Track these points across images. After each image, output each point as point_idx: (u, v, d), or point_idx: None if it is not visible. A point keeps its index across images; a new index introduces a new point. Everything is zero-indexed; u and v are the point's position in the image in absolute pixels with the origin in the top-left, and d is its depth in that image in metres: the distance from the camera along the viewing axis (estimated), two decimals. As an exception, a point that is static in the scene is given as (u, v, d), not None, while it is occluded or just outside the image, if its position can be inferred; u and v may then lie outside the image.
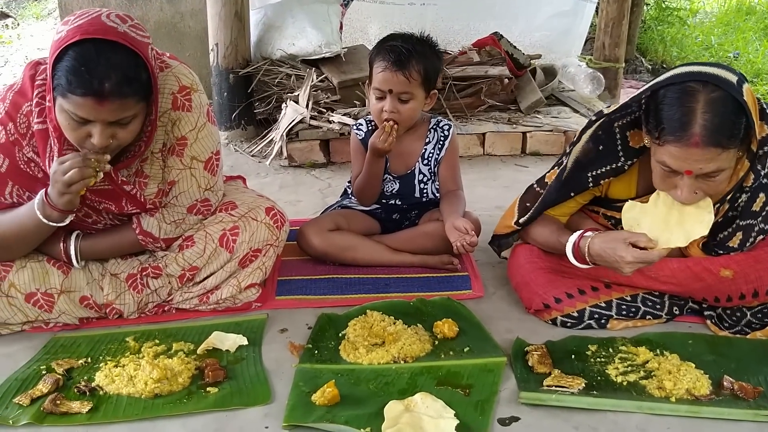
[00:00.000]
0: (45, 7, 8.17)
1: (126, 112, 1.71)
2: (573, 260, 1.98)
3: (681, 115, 1.68)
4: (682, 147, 1.68)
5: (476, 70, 4.14)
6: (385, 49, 2.28)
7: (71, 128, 1.71)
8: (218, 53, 3.89)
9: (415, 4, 4.93)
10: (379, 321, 2.02)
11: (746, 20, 7.74)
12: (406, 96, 2.29)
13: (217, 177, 2.09)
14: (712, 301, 2.00)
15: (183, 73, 1.98)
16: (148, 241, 2.03)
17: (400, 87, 2.26)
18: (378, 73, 2.29)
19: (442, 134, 2.47)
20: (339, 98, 3.80)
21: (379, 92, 2.31)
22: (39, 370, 1.82)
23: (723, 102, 1.67)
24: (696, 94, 1.68)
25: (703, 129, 1.65)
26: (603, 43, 4.65)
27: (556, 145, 3.86)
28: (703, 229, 1.81)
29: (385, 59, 2.27)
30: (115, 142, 1.75)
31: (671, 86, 1.73)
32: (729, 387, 1.72)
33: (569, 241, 1.98)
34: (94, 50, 1.63)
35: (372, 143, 2.33)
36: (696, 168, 1.71)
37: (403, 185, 2.49)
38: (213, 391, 1.74)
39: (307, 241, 2.42)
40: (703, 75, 1.69)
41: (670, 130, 1.70)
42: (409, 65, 2.24)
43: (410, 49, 2.25)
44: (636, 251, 1.82)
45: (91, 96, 1.63)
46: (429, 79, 2.30)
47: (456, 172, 2.51)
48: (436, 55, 2.35)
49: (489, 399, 1.70)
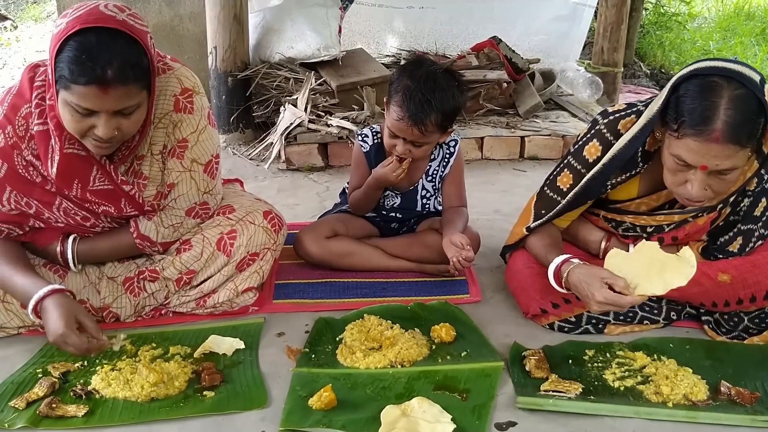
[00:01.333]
0: (44, 9, 8.17)
1: (129, 101, 1.70)
2: (552, 281, 1.95)
3: (703, 109, 1.65)
4: (701, 141, 1.66)
5: (475, 75, 4.14)
6: (405, 95, 2.13)
7: (75, 121, 1.70)
8: (217, 56, 3.89)
9: (414, 8, 4.93)
10: (377, 325, 2.02)
11: (745, 25, 7.75)
12: (420, 143, 2.21)
13: (216, 180, 2.08)
14: (710, 306, 2.00)
15: (185, 75, 1.98)
16: (145, 245, 2.03)
17: (414, 138, 2.18)
18: (394, 119, 2.17)
19: (447, 151, 2.41)
20: (337, 102, 3.80)
21: (393, 134, 2.22)
22: (35, 374, 1.82)
23: (746, 100, 1.64)
24: (720, 89, 1.65)
25: (725, 125, 1.63)
26: (602, 47, 4.66)
27: (554, 149, 3.87)
28: (682, 281, 1.77)
29: (402, 107, 2.14)
30: (119, 133, 1.74)
31: (694, 79, 1.70)
32: (726, 392, 1.72)
33: (553, 263, 1.95)
34: (95, 39, 1.63)
35: (381, 174, 2.26)
36: (712, 164, 1.68)
37: (405, 200, 2.45)
38: (210, 395, 1.73)
39: (304, 249, 2.41)
40: (728, 71, 1.66)
41: (690, 123, 1.67)
42: (426, 120, 2.13)
43: (431, 102, 2.12)
44: (608, 293, 1.78)
45: (95, 84, 1.62)
46: (448, 122, 2.22)
47: (461, 189, 2.46)
48: (460, 94, 2.21)
49: (486, 403, 1.70)
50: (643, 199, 2.00)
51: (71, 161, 1.84)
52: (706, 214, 1.95)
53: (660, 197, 1.98)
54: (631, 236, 2.08)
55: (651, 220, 2.01)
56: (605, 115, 1.99)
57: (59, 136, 1.80)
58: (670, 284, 1.77)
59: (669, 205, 1.99)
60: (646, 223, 2.02)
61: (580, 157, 2.01)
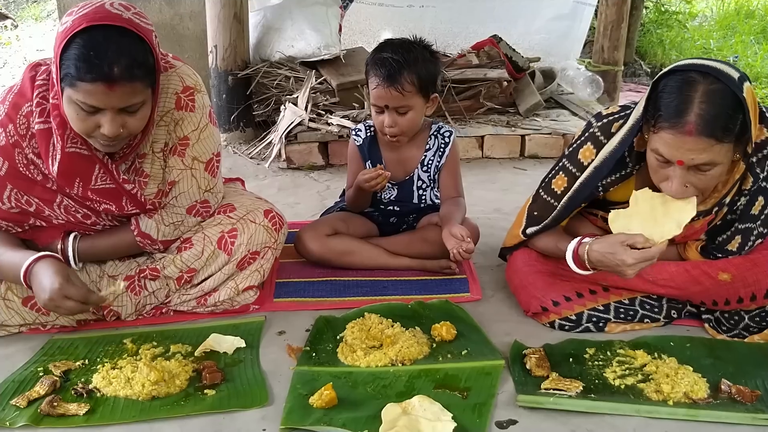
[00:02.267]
0: (44, 8, 8.17)
1: (135, 98, 1.71)
2: (574, 267, 1.96)
3: (678, 102, 1.69)
4: (675, 134, 1.69)
5: (475, 73, 4.15)
6: (376, 63, 2.25)
7: (80, 119, 1.71)
8: (217, 55, 3.89)
9: (414, 7, 4.94)
10: (377, 324, 2.02)
11: (745, 23, 7.75)
12: (404, 108, 2.27)
13: (217, 179, 2.09)
14: (710, 305, 2.00)
15: (187, 73, 1.99)
16: (146, 242, 2.03)
17: (395, 102, 2.25)
18: (372, 89, 2.27)
19: (442, 141, 2.44)
20: (338, 100, 3.81)
21: (377, 107, 2.30)
22: (36, 372, 1.82)
23: (721, 94, 1.67)
24: (695, 84, 1.68)
25: (698, 117, 1.66)
26: (602, 46, 4.66)
27: (554, 148, 3.87)
28: (691, 210, 1.80)
29: (377, 74, 2.24)
30: (125, 131, 1.75)
31: (673, 75, 1.74)
32: (727, 390, 1.72)
33: (568, 249, 1.96)
34: (102, 36, 1.64)
35: (359, 180, 2.33)
36: (687, 158, 1.70)
37: (401, 192, 2.48)
38: (210, 394, 1.73)
39: (304, 247, 2.41)
40: (705, 67, 1.70)
41: (665, 117, 1.70)
42: (400, 79, 2.21)
43: (400, 61, 2.21)
44: (635, 252, 1.81)
45: (102, 81, 1.63)
46: (425, 86, 2.27)
47: (457, 179, 2.49)
48: (432, 59, 2.30)
49: (487, 402, 1.70)
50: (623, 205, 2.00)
51: (73, 160, 1.84)
52: (702, 217, 1.95)
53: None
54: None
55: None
56: (599, 117, 2.01)
57: (62, 135, 1.80)
58: (682, 219, 1.80)
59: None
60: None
61: (575, 160, 2.03)
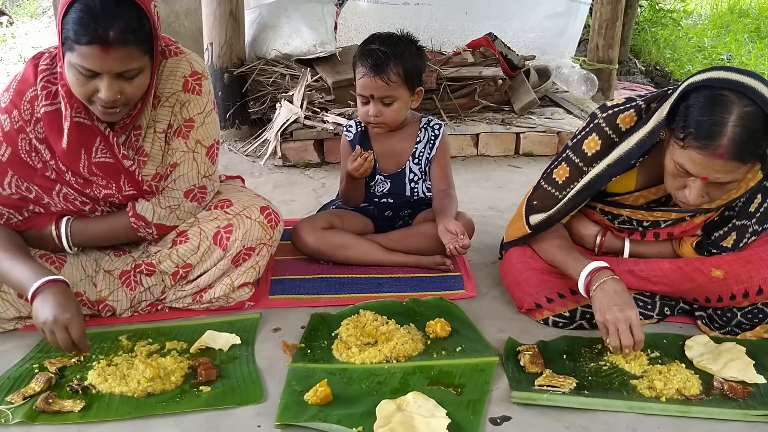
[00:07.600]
0: (40, 5, 8.15)
1: (132, 63, 1.74)
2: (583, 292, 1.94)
3: (711, 123, 1.64)
4: (705, 155, 1.66)
5: (470, 71, 4.15)
6: (363, 55, 2.30)
7: (79, 84, 1.75)
8: (213, 52, 3.89)
9: (409, 4, 4.94)
10: (372, 320, 2.02)
11: (739, 22, 7.77)
12: (389, 99, 2.31)
13: (215, 166, 2.12)
14: (703, 302, 2.01)
15: (196, 60, 2.05)
16: (140, 224, 2.03)
17: (381, 92, 2.29)
18: (359, 79, 2.32)
19: (432, 133, 2.48)
20: (333, 98, 3.80)
21: (363, 97, 2.34)
22: (31, 369, 1.82)
23: (755, 118, 1.63)
24: (730, 105, 1.63)
25: (731, 142, 1.63)
26: (597, 44, 4.67)
27: (549, 146, 3.88)
28: None
29: (363, 65, 2.29)
30: (123, 97, 1.78)
31: (705, 90, 1.68)
32: (719, 387, 1.73)
33: (581, 274, 1.92)
34: (99, 1, 1.68)
35: (348, 169, 2.36)
36: (713, 177, 1.69)
37: (393, 184, 2.50)
38: (206, 390, 1.74)
39: (300, 239, 2.42)
40: (741, 86, 1.64)
41: (696, 136, 1.66)
42: (386, 69, 2.26)
43: (387, 52, 2.25)
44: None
45: (97, 44, 1.67)
46: (411, 78, 2.32)
47: (447, 171, 2.52)
48: (417, 53, 2.35)
49: (481, 398, 1.70)
50: (641, 192, 2.01)
51: (78, 130, 1.88)
52: (704, 213, 1.97)
53: (659, 191, 1.99)
54: (626, 230, 2.09)
55: (648, 215, 2.03)
56: (604, 109, 2.00)
57: (70, 103, 1.84)
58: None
59: (666, 199, 2.00)
60: (643, 218, 2.04)
61: (579, 151, 2.02)
